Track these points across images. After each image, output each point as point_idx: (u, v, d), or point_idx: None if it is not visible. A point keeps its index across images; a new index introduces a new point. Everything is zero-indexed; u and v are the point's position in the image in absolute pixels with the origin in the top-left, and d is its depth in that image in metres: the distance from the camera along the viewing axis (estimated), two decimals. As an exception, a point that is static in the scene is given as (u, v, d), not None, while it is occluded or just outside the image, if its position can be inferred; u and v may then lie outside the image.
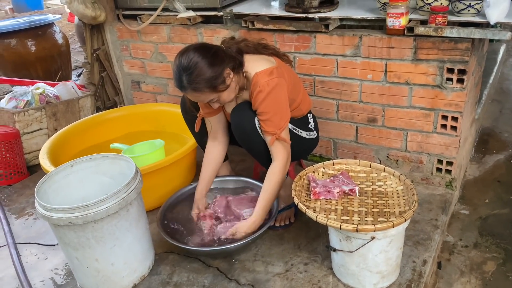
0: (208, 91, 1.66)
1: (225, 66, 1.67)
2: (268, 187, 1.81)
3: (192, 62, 1.62)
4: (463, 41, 1.89)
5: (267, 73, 1.74)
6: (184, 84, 1.65)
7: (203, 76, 1.63)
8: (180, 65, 1.64)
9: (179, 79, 1.65)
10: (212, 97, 1.70)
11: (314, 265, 1.79)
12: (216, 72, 1.65)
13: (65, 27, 7.08)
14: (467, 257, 1.96)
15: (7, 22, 4.19)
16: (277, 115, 1.75)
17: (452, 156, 2.14)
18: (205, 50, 1.67)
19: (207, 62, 1.63)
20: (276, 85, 1.73)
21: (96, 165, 1.85)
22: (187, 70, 1.62)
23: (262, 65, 1.77)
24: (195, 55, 1.64)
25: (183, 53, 1.67)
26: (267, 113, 1.74)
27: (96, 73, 3.14)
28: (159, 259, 1.90)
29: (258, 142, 1.82)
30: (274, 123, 1.75)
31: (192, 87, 1.65)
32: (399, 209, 1.61)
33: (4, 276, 1.91)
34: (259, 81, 1.72)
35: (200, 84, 1.64)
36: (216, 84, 1.66)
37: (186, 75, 1.63)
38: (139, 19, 2.78)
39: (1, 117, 2.80)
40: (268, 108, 1.73)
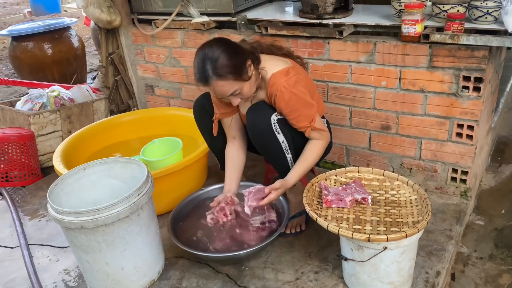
0: (232, 80, 1.65)
1: (247, 57, 1.69)
2: (309, 157, 1.81)
3: (216, 51, 1.63)
4: (480, 49, 1.86)
5: (284, 73, 1.75)
6: (209, 73, 1.63)
7: (228, 63, 1.63)
8: (204, 55, 1.64)
9: (203, 69, 1.64)
10: (236, 87, 1.68)
11: (325, 273, 1.77)
12: (240, 61, 1.66)
13: (81, 30, 7.18)
14: (482, 269, 1.92)
15: (25, 26, 4.26)
16: (305, 109, 1.77)
17: (467, 166, 2.10)
18: (226, 41, 1.70)
19: (230, 51, 1.65)
20: (295, 83, 1.74)
21: (108, 169, 1.86)
22: (212, 58, 1.62)
23: (278, 66, 1.78)
24: (218, 44, 1.66)
25: (205, 45, 1.68)
26: (295, 111, 1.75)
27: (111, 77, 3.17)
28: (169, 263, 1.90)
29: (273, 143, 1.81)
30: (304, 116, 1.77)
31: (217, 74, 1.63)
32: (412, 219, 1.58)
33: (16, 277, 1.93)
34: (277, 82, 1.73)
35: (225, 70, 1.63)
36: (240, 72, 1.66)
37: (211, 63, 1.62)
38: (154, 23, 2.80)
39: (17, 119, 2.84)
40: (295, 107, 1.75)
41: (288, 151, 1.83)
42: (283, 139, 1.81)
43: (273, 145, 1.81)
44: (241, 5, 2.58)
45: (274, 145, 1.81)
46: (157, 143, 2.41)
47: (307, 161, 1.81)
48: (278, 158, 1.85)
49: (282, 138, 1.80)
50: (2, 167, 2.62)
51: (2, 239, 2.20)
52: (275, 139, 1.80)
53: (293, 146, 1.84)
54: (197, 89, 1.76)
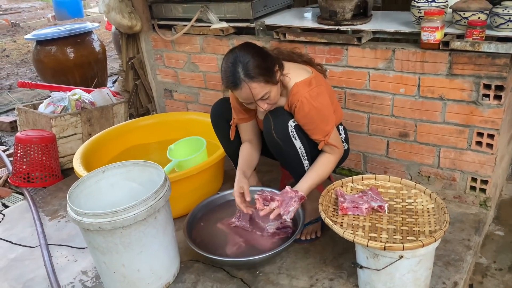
0: (263, 82, 1.67)
1: (274, 61, 1.72)
2: (319, 170, 1.81)
3: (247, 54, 1.66)
4: (501, 56, 1.83)
5: (307, 83, 1.76)
6: (240, 76, 1.65)
7: (260, 66, 1.66)
8: (236, 58, 1.66)
9: (234, 72, 1.65)
10: (266, 90, 1.69)
11: (340, 281, 1.76)
12: (270, 65, 1.69)
13: (102, 34, 7.32)
14: (501, 280, 1.88)
15: (49, 30, 4.37)
16: (322, 123, 1.78)
17: (487, 175, 2.07)
18: (255, 46, 1.74)
19: (260, 55, 1.69)
20: (318, 95, 1.76)
21: (126, 172, 1.89)
22: (244, 61, 1.65)
23: (300, 75, 1.79)
24: (247, 48, 1.69)
25: (234, 49, 1.71)
26: (312, 123, 1.77)
27: (131, 81, 3.22)
28: (184, 267, 1.91)
29: (290, 149, 1.81)
30: (321, 130, 1.78)
31: (249, 76, 1.65)
32: (429, 228, 1.56)
33: (35, 276, 1.97)
34: (300, 92, 1.74)
35: (256, 72, 1.65)
36: (270, 75, 1.68)
37: (243, 65, 1.64)
38: (174, 29, 2.84)
39: (39, 121, 2.91)
40: (313, 119, 1.76)
41: (305, 157, 1.83)
42: (300, 145, 1.81)
43: (290, 151, 1.82)
44: (259, 11, 2.60)
45: (291, 151, 1.81)
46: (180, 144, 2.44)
47: (318, 174, 1.81)
48: (295, 164, 1.85)
49: (299, 144, 1.81)
50: (24, 168, 2.69)
51: (23, 238, 2.25)
52: (292, 145, 1.80)
53: (310, 153, 1.84)
54: (219, 94, 1.78)
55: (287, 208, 1.70)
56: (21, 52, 6.87)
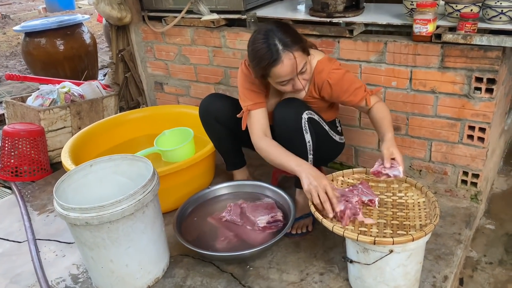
0: (301, 51, 1.66)
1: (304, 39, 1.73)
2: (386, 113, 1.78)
3: (277, 28, 1.65)
4: (494, 49, 1.82)
5: (327, 60, 1.80)
6: (279, 49, 1.61)
7: (294, 36, 1.66)
8: (268, 35, 1.63)
9: (272, 47, 1.61)
10: (305, 60, 1.68)
11: (330, 275, 1.75)
12: (302, 38, 1.71)
13: (94, 27, 7.24)
14: (491, 274, 1.88)
15: (38, 22, 4.30)
16: (355, 82, 1.80)
17: (478, 168, 2.06)
18: (279, 22, 1.75)
19: (288, 27, 1.71)
20: (339, 66, 1.80)
21: (115, 166, 1.86)
22: (277, 34, 1.62)
23: (318, 54, 1.82)
24: (274, 24, 1.68)
25: (260, 30, 1.68)
26: (350, 85, 1.78)
27: (121, 74, 3.18)
28: (174, 261, 1.89)
29: (299, 142, 1.78)
30: (359, 89, 1.79)
31: (289, 48, 1.61)
32: (420, 222, 1.55)
33: (22, 271, 1.94)
34: (325, 67, 1.77)
35: (294, 42, 1.64)
36: (304, 47, 1.68)
37: (279, 38, 1.61)
38: (164, 21, 2.80)
39: (27, 115, 2.86)
40: (350, 81, 1.78)
41: (311, 152, 1.81)
42: (309, 139, 1.78)
43: (299, 144, 1.78)
44: (251, 2, 2.56)
45: (300, 143, 1.78)
46: (168, 134, 2.47)
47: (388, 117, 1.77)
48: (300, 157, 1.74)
49: (308, 138, 1.78)
50: (12, 162, 2.65)
51: (10, 233, 2.22)
52: (302, 138, 1.77)
53: (315, 149, 1.82)
54: (210, 87, 1.75)
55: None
56: (11, 44, 6.77)
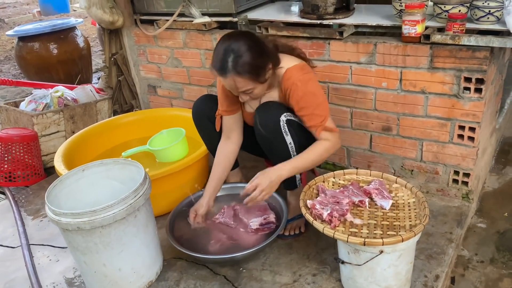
0: (249, 79, 1.65)
1: (269, 60, 1.69)
2: (309, 153, 1.74)
3: (242, 46, 1.62)
4: (482, 49, 1.83)
5: (298, 68, 1.74)
6: (228, 66, 1.62)
7: (251, 63, 1.62)
8: (229, 47, 1.62)
9: (223, 61, 1.62)
10: (249, 86, 1.67)
11: (323, 276, 1.76)
12: (262, 63, 1.66)
13: (89, 30, 7.23)
14: (482, 273, 1.90)
15: (31, 26, 4.30)
16: (318, 107, 1.74)
17: (469, 168, 2.08)
18: (255, 39, 1.69)
19: (256, 50, 1.64)
20: (310, 80, 1.73)
21: (106, 170, 1.87)
22: (236, 53, 1.61)
23: (292, 61, 1.77)
24: (246, 40, 1.64)
25: (232, 36, 1.66)
26: (308, 108, 1.73)
27: (114, 77, 3.18)
28: (167, 265, 1.90)
29: (280, 144, 1.79)
30: (317, 115, 1.74)
31: (236, 70, 1.62)
32: (410, 222, 1.57)
33: (16, 277, 1.94)
34: (293, 76, 1.72)
35: (245, 69, 1.62)
36: (259, 74, 1.66)
37: (234, 57, 1.61)
38: (156, 24, 2.80)
39: (20, 119, 2.87)
40: (309, 102, 1.73)
41: (294, 153, 1.81)
42: (290, 141, 1.79)
43: (280, 146, 1.80)
44: (242, 5, 2.57)
45: (281, 146, 1.80)
46: (165, 134, 2.50)
47: (306, 156, 1.74)
48: (284, 160, 1.78)
49: (289, 140, 1.79)
50: (5, 167, 2.65)
51: (4, 238, 2.22)
52: (282, 140, 1.78)
53: (299, 148, 1.82)
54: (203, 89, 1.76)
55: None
56: (5, 48, 6.76)
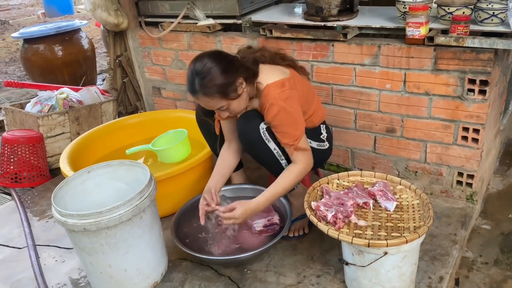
0: (218, 98, 1.67)
1: (239, 75, 1.68)
2: (281, 183, 1.78)
3: (205, 67, 1.64)
4: (486, 51, 1.84)
5: (279, 85, 1.74)
6: (196, 88, 1.66)
7: (215, 82, 1.64)
8: (194, 69, 1.66)
9: (192, 83, 1.67)
10: (222, 104, 1.70)
11: (327, 277, 1.77)
12: (229, 80, 1.66)
13: (92, 31, 7.26)
14: (486, 274, 1.90)
15: (36, 28, 4.33)
16: (292, 126, 1.75)
17: (473, 169, 2.08)
18: (220, 57, 1.69)
19: (220, 68, 1.65)
20: (287, 98, 1.73)
21: (112, 171, 1.88)
22: (200, 74, 1.64)
23: (274, 76, 1.76)
24: (209, 60, 1.66)
25: (198, 58, 1.69)
26: (281, 126, 1.74)
27: (119, 79, 3.20)
28: (172, 265, 1.91)
29: (263, 151, 1.81)
30: (290, 134, 1.75)
31: (204, 92, 1.66)
32: (414, 224, 1.57)
33: (22, 277, 1.96)
34: (270, 93, 1.72)
35: (211, 90, 1.65)
36: (227, 92, 1.66)
37: (199, 79, 1.64)
38: (161, 26, 2.82)
39: (26, 121, 2.89)
40: (283, 121, 1.73)
41: (282, 157, 1.83)
42: (274, 146, 1.81)
43: (265, 153, 1.82)
44: (246, 7, 2.59)
45: (266, 152, 1.82)
46: (172, 134, 2.53)
47: (279, 186, 1.77)
48: (273, 165, 1.85)
49: (273, 146, 1.81)
50: (11, 168, 2.67)
51: (10, 239, 2.24)
52: (266, 147, 1.80)
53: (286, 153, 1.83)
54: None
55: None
56: (10, 50, 6.80)
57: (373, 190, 1.72)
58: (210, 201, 1.85)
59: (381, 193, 1.70)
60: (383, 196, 1.69)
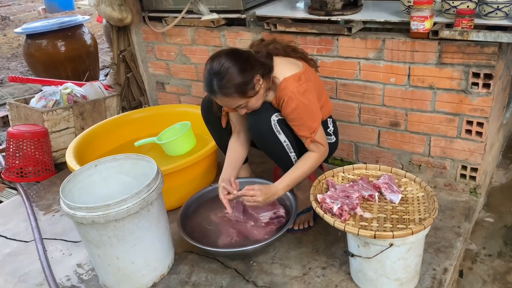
0: (237, 97, 1.68)
1: (256, 72, 1.69)
2: (300, 166, 1.81)
3: (223, 67, 1.64)
4: (490, 45, 1.85)
5: (296, 79, 1.75)
6: (215, 89, 1.67)
7: (234, 82, 1.64)
8: (212, 69, 1.66)
9: (210, 84, 1.67)
10: (240, 102, 1.71)
11: (332, 269, 1.79)
12: (247, 78, 1.66)
13: (94, 27, 7.26)
14: (490, 266, 1.92)
15: (39, 24, 4.33)
16: (309, 119, 1.77)
17: (477, 163, 2.09)
18: (236, 56, 1.69)
19: (238, 67, 1.65)
20: (305, 91, 1.75)
21: (119, 165, 1.90)
22: (218, 75, 1.64)
23: (290, 70, 1.77)
24: (226, 60, 1.65)
25: (215, 58, 1.69)
26: (299, 119, 1.76)
27: (122, 74, 3.21)
28: (178, 258, 1.93)
29: (275, 143, 1.83)
30: (307, 128, 1.77)
31: (223, 92, 1.66)
32: (419, 216, 1.59)
33: (30, 270, 1.98)
34: (288, 87, 1.73)
35: (230, 90, 1.65)
36: (246, 90, 1.67)
37: (217, 80, 1.65)
38: (164, 21, 2.83)
39: (31, 116, 2.90)
40: (300, 115, 1.75)
41: (291, 150, 1.84)
42: (284, 139, 1.82)
43: (275, 145, 1.83)
44: (250, 2, 2.59)
45: (276, 145, 1.83)
46: (179, 127, 2.56)
47: (298, 171, 1.81)
48: (282, 157, 1.86)
49: (283, 138, 1.82)
50: (17, 163, 2.69)
51: (17, 233, 2.26)
52: (276, 139, 1.81)
53: (296, 145, 1.85)
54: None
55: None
56: (12, 46, 6.81)
57: (378, 183, 1.73)
58: (231, 189, 1.85)
59: (386, 186, 1.71)
60: (388, 188, 1.70)
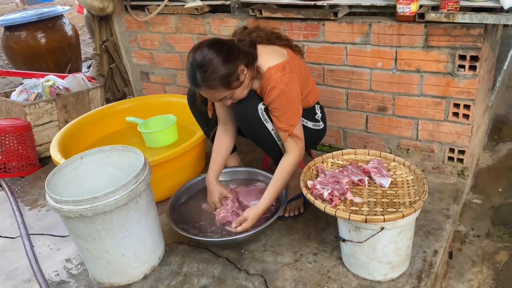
0: (222, 89, 1.65)
1: (239, 62, 1.66)
2: (279, 177, 1.81)
3: (206, 59, 1.60)
4: (476, 27, 1.85)
5: (280, 68, 1.72)
6: (198, 82, 1.64)
7: (217, 74, 1.61)
8: (194, 62, 1.62)
9: (193, 77, 1.64)
10: (225, 94, 1.69)
11: (324, 255, 1.79)
12: (231, 69, 1.63)
13: (75, 18, 7.11)
14: (479, 246, 1.94)
15: (17, 15, 4.22)
16: (290, 111, 1.75)
17: (464, 145, 2.11)
18: (219, 46, 1.64)
19: (221, 59, 1.61)
20: (289, 82, 1.72)
21: (105, 157, 1.86)
22: (201, 67, 1.61)
23: (274, 59, 1.75)
24: (209, 51, 1.61)
25: (197, 49, 1.65)
26: (280, 110, 1.74)
27: (105, 65, 3.15)
28: (169, 249, 1.91)
29: (262, 132, 1.81)
30: (287, 119, 1.75)
31: (206, 85, 1.64)
32: (409, 199, 1.59)
33: (18, 266, 1.94)
34: (272, 76, 1.71)
35: (215, 82, 1.62)
36: (230, 82, 1.65)
37: (200, 72, 1.61)
38: (147, 9, 2.77)
39: (12, 110, 2.83)
40: (282, 105, 1.73)
41: (279, 138, 1.83)
42: (272, 127, 1.81)
43: (263, 134, 1.82)
44: (234, -12, 2.55)
45: (264, 133, 1.81)
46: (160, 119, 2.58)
47: (279, 182, 1.81)
48: (270, 146, 1.86)
49: (271, 126, 1.80)
50: (0, 158, 2.62)
51: (2, 229, 2.21)
52: (263, 128, 1.80)
53: None
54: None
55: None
56: (-10, 39, 6.62)
57: (368, 168, 1.73)
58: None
59: (375, 170, 1.71)
60: (377, 173, 1.71)
